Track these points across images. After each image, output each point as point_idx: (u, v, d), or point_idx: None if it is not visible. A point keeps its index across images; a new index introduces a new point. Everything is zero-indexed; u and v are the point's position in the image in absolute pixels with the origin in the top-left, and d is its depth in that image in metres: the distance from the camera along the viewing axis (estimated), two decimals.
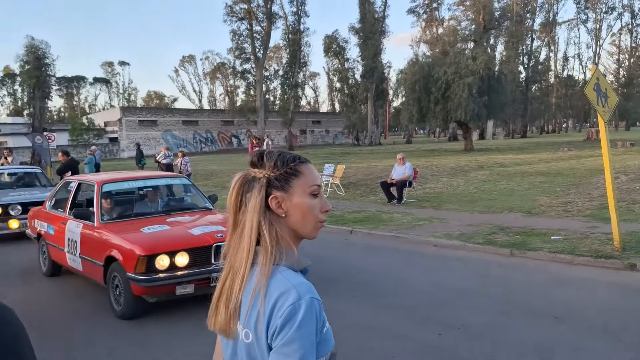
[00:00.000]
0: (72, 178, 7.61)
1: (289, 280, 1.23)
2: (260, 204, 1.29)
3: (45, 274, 7.42)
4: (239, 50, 47.46)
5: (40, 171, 12.22)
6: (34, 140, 25.18)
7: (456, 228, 9.39)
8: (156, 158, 18.87)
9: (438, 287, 6.22)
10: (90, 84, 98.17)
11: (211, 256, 5.45)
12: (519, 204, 11.52)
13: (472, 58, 30.90)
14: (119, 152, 48.80)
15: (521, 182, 15.06)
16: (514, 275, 6.68)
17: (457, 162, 20.59)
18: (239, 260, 1.30)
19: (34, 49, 36.53)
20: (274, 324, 1.19)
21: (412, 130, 61.98)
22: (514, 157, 23.62)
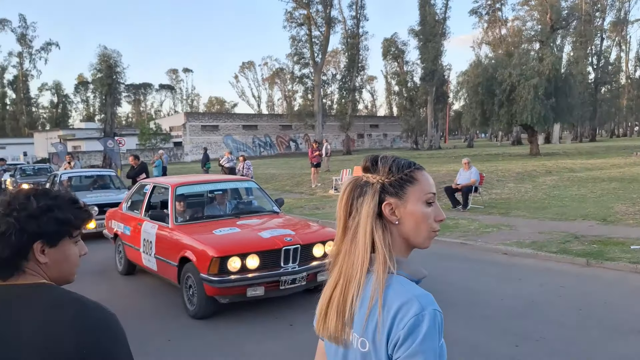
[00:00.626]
0: (146, 181, 7.88)
1: (409, 291, 1.20)
2: (373, 210, 1.27)
3: (121, 273, 7.70)
4: (298, 55, 48.03)
5: (114, 174, 12.80)
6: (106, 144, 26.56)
7: (527, 236, 9.04)
8: (220, 162, 19.37)
9: (512, 298, 6.00)
10: (156, 90, 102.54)
11: (280, 259, 5.49)
12: (593, 211, 10.97)
13: (539, 59, 29.75)
14: (182, 155, 50.50)
15: (593, 188, 14.34)
16: (592, 287, 6.35)
17: (524, 167, 19.87)
18: (352, 266, 1.27)
19: (107, 57, 38.45)
20: (396, 335, 1.16)
21: (473, 133, 60.47)
22: (584, 162, 22.53)
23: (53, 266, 1.30)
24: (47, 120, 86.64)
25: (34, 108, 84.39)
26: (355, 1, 48.85)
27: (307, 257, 5.71)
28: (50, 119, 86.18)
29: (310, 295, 6.30)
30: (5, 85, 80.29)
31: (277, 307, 5.91)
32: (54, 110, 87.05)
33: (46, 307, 1.21)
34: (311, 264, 5.69)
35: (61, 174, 12.03)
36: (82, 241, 1.39)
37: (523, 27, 50.07)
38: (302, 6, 46.03)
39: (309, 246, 5.73)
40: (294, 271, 5.51)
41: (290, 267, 5.51)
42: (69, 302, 1.25)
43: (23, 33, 76.83)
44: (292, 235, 5.68)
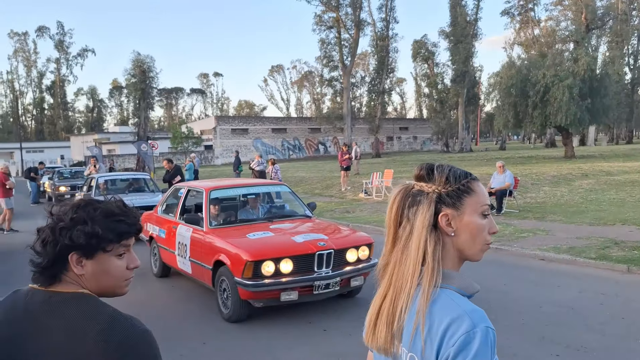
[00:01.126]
0: (181, 185, 7.96)
1: (460, 306, 1.17)
2: (429, 221, 1.24)
3: (156, 275, 7.81)
4: (327, 58, 48.09)
5: (149, 177, 13.02)
6: (140, 147, 27.07)
7: (564, 241, 8.82)
8: (250, 165, 19.53)
9: (550, 305, 5.85)
10: (187, 94, 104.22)
11: (314, 264, 5.47)
12: (633, 216, 10.62)
13: (573, 60, 29.05)
14: (213, 159, 51.13)
15: (632, 192, 13.90)
16: (635, 294, 6.14)
17: (559, 170, 19.41)
18: (402, 277, 1.24)
19: (140, 63, 39.26)
20: (446, 352, 1.13)
21: (505, 136, 59.41)
22: (621, 164, 21.87)
23: (91, 278, 1.30)
24: (83, 124, 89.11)
25: (70, 112, 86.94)
26: (385, 3, 48.64)
27: (341, 262, 5.68)
28: (85, 123, 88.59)
29: (344, 301, 6.29)
30: (43, 91, 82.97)
31: (311, 312, 5.89)
32: (90, 115, 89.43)
33: (77, 317, 1.23)
34: (344, 269, 5.65)
35: (98, 178, 12.30)
36: (133, 254, 1.38)
37: (557, 27, 49.02)
38: (332, 9, 46.09)
39: (342, 251, 5.70)
40: (327, 276, 5.48)
41: (324, 272, 5.49)
42: (101, 315, 1.24)
43: (61, 40, 79.40)
44: (325, 240, 5.65)
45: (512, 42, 57.07)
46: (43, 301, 1.26)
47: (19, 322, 1.25)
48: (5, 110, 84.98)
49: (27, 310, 1.27)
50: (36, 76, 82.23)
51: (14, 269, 8.72)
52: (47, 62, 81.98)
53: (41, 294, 1.28)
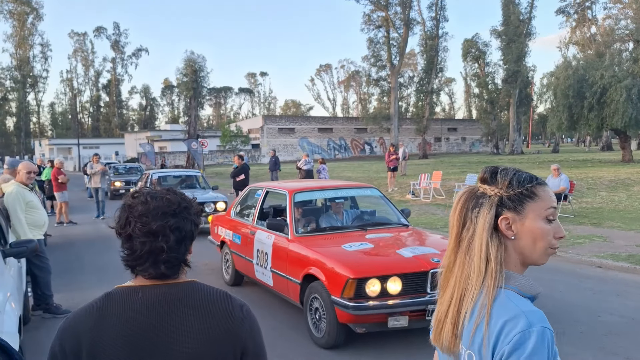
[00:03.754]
0: (258, 185, 7.26)
1: (517, 306, 1.19)
2: (489, 223, 1.26)
3: (228, 283, 7.08)
4: (375, 57, 47.86)
5: (200, 174, 13.35)
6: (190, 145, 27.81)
7: (623, 248, 8.47)
8: (297, 165, 19.70)
9: (609, 314, 5.63)
10: (235, 93, 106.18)
11: (427, 284, 4.62)
12: None
13: (633, 60, 27.81)
14: (260, 157, 51.86)
15: None
16: None
17: (616, 175, 18.61)
18: (467, 279, 1.27)
19: (192, 62, 40.23)
20: (501, 350, 1.15)
21: (559, 138, 57.49)
22: None
23: None
24: (136, 121, 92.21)
25: (124, 110, 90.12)
26: (435, 2, 47.97)
27: None
28: (138, 120, 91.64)
29: None
30: (99, 89, 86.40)
31: (419, 335, 4.68)
32: (143, 113, 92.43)
33: (202, 302, 1.37)
34: None
35: (152, 174, 12.72)
36: None
37: (615, 26, 46.96)
38: (381, 8, 45.85)
39: None
40: None
41: (438, 280, 4.87)
42: (220, 296, 1.42)
43: (117, 40, 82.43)
44: (438, 255, 4.79)
45: (567, 42, 54.99)
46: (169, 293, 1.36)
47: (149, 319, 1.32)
48: (64, 107, 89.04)
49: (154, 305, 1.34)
50: (93, 75, 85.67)
51: (75, 259, 9.16)
52: (104, 61, 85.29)
53: (161, 288, 1.36)
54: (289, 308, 5.95)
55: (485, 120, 52.73)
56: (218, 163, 48.08)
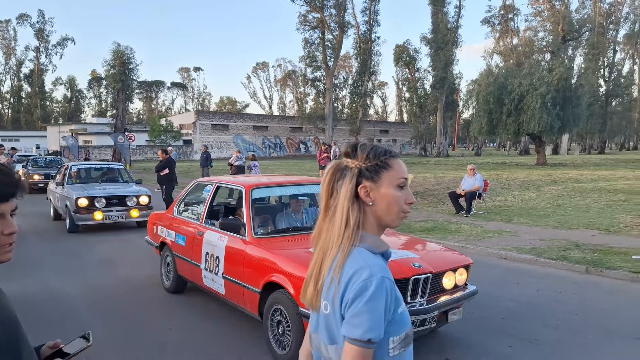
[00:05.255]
0: (207, 180, 6.46)
1: (365, 260, 1.36)
2: (351, 192, 1.42)
3: (168, 290, 6.35)
4: (310, 58, 48.27)
5: (123, 167, 12.97)
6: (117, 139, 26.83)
7: (527, 242, 9.11)
8: (229, 161, 19.56)
9: (509, 301, 6.08)
10: (167, 88, 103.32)
11: (407, 293, 4.10)
12: (596, 221, 11.00)
13: (548, 69, 29.82)
14: (192, 154, 50.82)
15: (598, 199, 14.35)
16: (590, 294, 6.41)
17: (529, 176, 19.88)
18: (329, 242, 1.42)
19: (120, 54, 38.81)
20: (347, 297, 1.32)
21: (482, 142, 60.35)
22: (591, 173, 22.48)
23: None
24: (60, 114, 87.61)
25: (47, 102, 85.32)
26: (368, 6, 49.03)
27: (436, 289, 4.39)
28: (63, 113, 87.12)
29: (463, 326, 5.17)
30: (21, 79, 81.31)
31: None
32: (67, 105, 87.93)
33: None
34: (441, 299, 4.34)
35: (71, 166, 12.22)
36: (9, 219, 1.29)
37: (535, 38, 50.04)
38: (316, 10, 46.28)
39: (439, 275, 4.40)
40: (423, 309, 4.14)
41: (419, 303, 4.17)
42: None
43: (41, 28, 77.86)
44: (419, 260, 4.34)
45: (491, 51, 58.04)
46: None
47: None
48: None
49: None
50: (15, 64, 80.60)
51: None
52: (26, 50, 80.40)
53: None
54: (244, 320, 5.28)
55: (415, 123, 54.59)
56: (147, 158, 46.69)
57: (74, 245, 9.48)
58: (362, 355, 1.27)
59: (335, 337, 1.37)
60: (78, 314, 5.61)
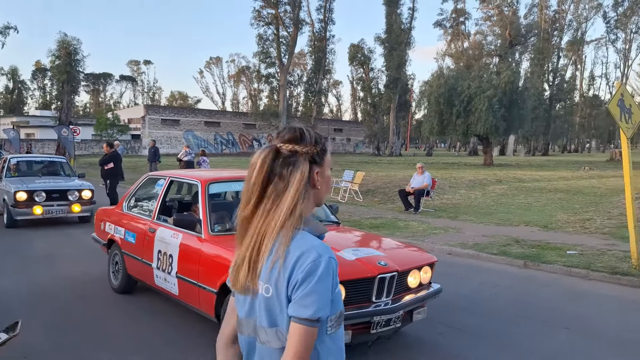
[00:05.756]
0: (160, 174, 6.21)
1: (310, 242, 1.37)
2: (306, 178, 1.42)
3: (116, 290, 6.02)
4: (264, 54, 47.90)
5: (65, 161, 12.50)
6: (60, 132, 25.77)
7: (471, 238, 9.40)
8: (178, 156, 19.19)
9: (450, 294, 6.22)
10: (116, 81, 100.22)
11: (372, 292, 4.02)
12: (536, 219, 11.47)
13: (496, 73, 30.86)
14: (140, 149, 49.55)
15: (539, 198, 14.97)
16: (527, 286, 6.68)
17: (476, 176, 20.51)
18: (269, 225, 1.39)
19: (66, 44, 37.41)
20: (295, 279, 1.32)
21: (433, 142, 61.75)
22: (534, 173, 23.44)
23: None
24: (1, 106, 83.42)
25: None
26: (323, 5, 49.19)
27: (401, 288, 4.30)
28: (4, 104, 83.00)
29: None
30: None
31: None
32: (9, 97, 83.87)
33: None
34: (405, 299, 4.27)
35: (10, 158, 11.69)
36: None
37: (484, 42, 51.62)
38: (270, 5, 45.98)
39: (404, 274, 4.32)
40: (388, 309, 4.03)
41: (384, 302, 4.07)
42: None
43: None
44: (384, 258, 4.23)
45: (443, 53, 59.41)
46: None
47: None
48: None
49: None
50: None
51: None
52: None
53: None
54: (198, 320, 4.97)
55: (369, 123, 55.20)
56: (93, 153, 45.16)
57: (12, 241, 9.07)
58: (310, 334, 1.30)
59: (276, 320, 1.36)
60: (15, 313, 5.37)
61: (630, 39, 69.03)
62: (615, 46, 71.52)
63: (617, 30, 67.53)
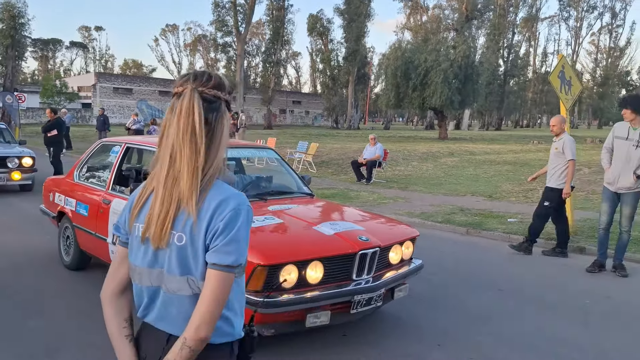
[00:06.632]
0: (116, 140, 5.73)
1: (227, 191, 1.36)
2: (228, 124, 1.42)
3: (69, 267, 5.58)
4: (221, 22, 46.77)
5: (5, 127, 11.94)
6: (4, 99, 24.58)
7: (418, 207, 9.60)
8: (126, 125, 18.66)
9: None
10: (66, 47, 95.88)
11: (353, 269, 3.71)
12: (482, 189, 11.81)
13: (453, 47, 31.19)
14: (91, 118, 47.85)
15: (488, 170, 15.39)
16: (468, 252, 6.90)
17: (430, 149, 20.88)
18: (190, 174, 1.33)
19: (10, 7, 35.41)
20: (215, 227, 1.31)
21: (391, 116, 62.29)
22: (485, 146, 24.04)
23: None
24: None
25: None
26: None
27: (382, 264, 4.01)
28: None
29: None
30: None
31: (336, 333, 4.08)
32: None
33: None
34: (387, 276, 3.97)
35: None
36: None
37: (442, 15, 51.97)
38: None
39: (386, 249, 4.01)
40: (370, 287, 3.74)
41: (364, 279, 3.78)
42: None
43: None
44: (365, 233, 3.91)
45: (402, 27, 59.49)
46: None
47: None
48: None
49: None
50: None
51: None
52: None
53: None
54: None
55: (327, 95, 55.05)
56: (40, 122, 43.33)
57: None
58: (229, 280, 1.31)
59: (190, 269, 1.33)
60: None
61: (582, 17, 71.05)
62: (567, 24, 73.57)
63: (569, 8, 69.32)
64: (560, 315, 4.68)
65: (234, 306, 1.39)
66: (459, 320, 4.49)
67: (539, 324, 4.45)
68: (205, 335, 1.29)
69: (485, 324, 4.44)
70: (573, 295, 5.24)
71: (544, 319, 4.57)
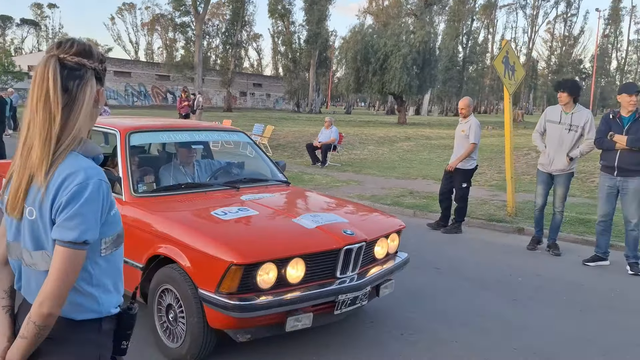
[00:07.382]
0: None
1: (79, 163, 1.31)
2: (94, 95, 1.37)
3: None
4: (178, 2, 45.58)
5: None
6: None
7: (370, 190, 9.73)
8: None
9: None
10: (17, 25, 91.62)
11: (337, 266, 3.35)
12: (434, 172, 12.04)
13: (412, 32, 31.45)
14: None
15: (442, 154, 15.68)
16: (412, 234, 7.04)
17: (387, 133, 21.10)
18: (42, 147, 1.29)
19: None
20: (59, 201, 1.27)
21: (353, 101, 62.48)
22: (441, 131, 24.45)
23: None
24: None
25: None
26: None
27: (368, 259, 3.69)
28: None
29: None
30: None
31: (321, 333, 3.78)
32: None
33: None
34: (372, 272, 3.64)
35: None
36: None
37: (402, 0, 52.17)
38: None
39: (372, 243, 3.67)
40: (355, 285, 3.40)
41: (349, 277, 3.44)
42: None
43: None
44: (349, 226, 3.54)
45: (364, 11, 59.45)
46: None
47: None
48: None
49: None
50: None
51: None
52: None
53: None
54: None
55: (289, 78, 54.65)
56: None
57: None
58: (75, 256, 1.27)
59: (42, 243, 1.32)
60: None
61: (538, 5, 72.55)
62: (524, 12, 75.17)
63: None
64: (493, 292, 4.87)
65: (102, 282, 1.38)
66: (393, 299, 4.60)
67: (472, 300, 4.62)
68: (48, 312, 1.26)
69: (419, 301, 4.58)
70: (507, 273, 5.45)
71: (476, 296, 4.75)
